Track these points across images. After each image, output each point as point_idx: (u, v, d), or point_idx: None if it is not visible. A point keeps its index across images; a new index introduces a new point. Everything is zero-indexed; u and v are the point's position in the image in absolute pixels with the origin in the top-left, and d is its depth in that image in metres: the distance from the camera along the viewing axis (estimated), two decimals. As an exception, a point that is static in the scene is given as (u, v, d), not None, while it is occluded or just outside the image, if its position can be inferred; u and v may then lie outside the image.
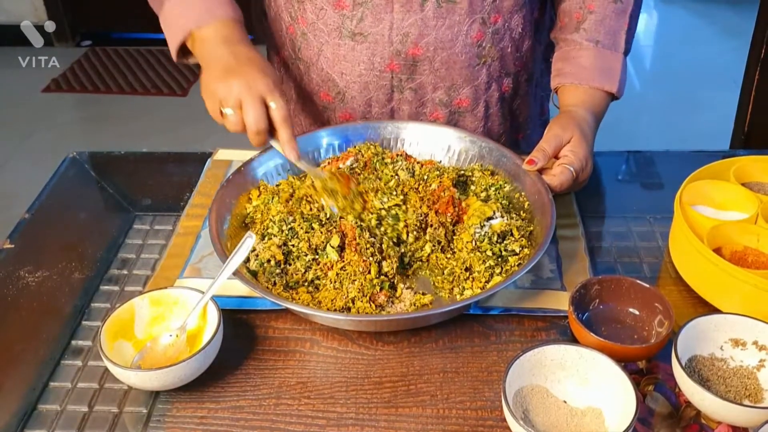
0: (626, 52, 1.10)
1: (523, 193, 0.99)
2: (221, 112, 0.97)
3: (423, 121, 1.14)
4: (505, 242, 0.91)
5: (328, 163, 1.06)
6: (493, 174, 1.03)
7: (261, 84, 0.96)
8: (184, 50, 1.07)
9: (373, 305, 0.86)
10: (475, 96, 1.14)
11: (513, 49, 1.13)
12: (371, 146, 1.08)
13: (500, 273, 0.89)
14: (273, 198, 0.99)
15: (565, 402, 0.75)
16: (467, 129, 1.17)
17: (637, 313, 0.85)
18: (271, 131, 0.98)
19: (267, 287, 0.88)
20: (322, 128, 1.11)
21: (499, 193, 1.00)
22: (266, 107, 0.96)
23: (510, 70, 1.15)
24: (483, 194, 1.00)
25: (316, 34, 1.11)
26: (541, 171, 0.98)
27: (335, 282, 0.87)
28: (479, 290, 0.87)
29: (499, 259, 0.90)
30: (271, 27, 1.19)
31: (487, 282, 0.88)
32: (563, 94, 1.09)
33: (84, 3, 3.97)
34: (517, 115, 1.23)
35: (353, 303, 0.85)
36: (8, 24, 3.66)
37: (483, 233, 0.91)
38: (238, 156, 1.16)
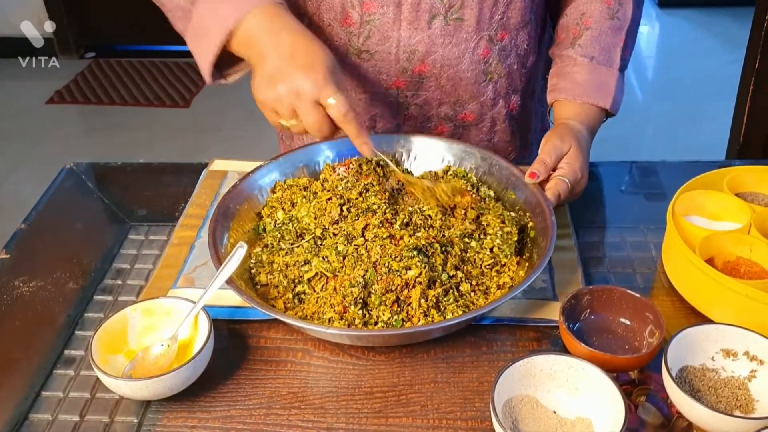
0: (622, 69, 1.09)
1: (528, 214, 0.97)
2: (281, 123, 0.93)
3: (432, 135, 1.11)
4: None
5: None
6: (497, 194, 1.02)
7: (308, 84, 0.88)
8: (218, 63, 0.97)
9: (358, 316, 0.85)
10: (480, 111, 1.14)
11: (519, 66, 1.14)
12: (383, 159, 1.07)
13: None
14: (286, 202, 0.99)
15: (554, 412, 0.75)
16: (471, 143, 1.16)
17: (628, 323, 0.84)
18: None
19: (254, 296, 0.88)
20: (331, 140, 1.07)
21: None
22: (323, 107, 0.89)
23: (517, 86, 1.16)
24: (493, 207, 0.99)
25: None
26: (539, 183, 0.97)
27: (318, 298, 0.87)
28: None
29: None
30: None
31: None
32: (558, 109, 1.09)
33: (88, 15, 4.00)
34: (525, 131, 1.24)
35: (344, 312, 0.85)
36: (13, 36, 3.69)
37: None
38: (234, 167, 1.16)
